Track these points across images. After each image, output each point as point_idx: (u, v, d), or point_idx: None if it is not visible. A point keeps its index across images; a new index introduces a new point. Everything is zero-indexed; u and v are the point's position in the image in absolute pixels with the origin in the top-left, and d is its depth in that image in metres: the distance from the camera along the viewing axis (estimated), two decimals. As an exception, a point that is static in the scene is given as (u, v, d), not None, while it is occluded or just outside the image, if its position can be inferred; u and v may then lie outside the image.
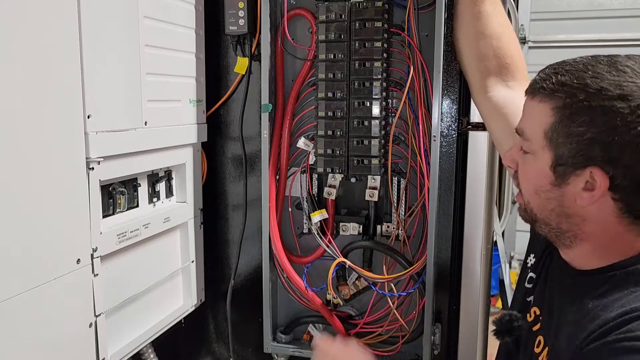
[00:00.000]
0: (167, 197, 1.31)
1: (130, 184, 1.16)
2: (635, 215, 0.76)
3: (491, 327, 0.94)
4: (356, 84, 1.24)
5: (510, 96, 1.08)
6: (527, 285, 0.97)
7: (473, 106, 1.25)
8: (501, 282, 3.27)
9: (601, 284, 0.78)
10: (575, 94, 0.73)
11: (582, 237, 0.80)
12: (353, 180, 1.34)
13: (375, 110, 1.24)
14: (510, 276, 3.27)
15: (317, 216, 1.33)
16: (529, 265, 0.99)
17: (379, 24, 1.21)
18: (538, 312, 0.90)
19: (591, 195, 0.75)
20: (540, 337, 0.86)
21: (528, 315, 0.91)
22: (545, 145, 0.78)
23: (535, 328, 0.89)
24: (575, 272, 0.84)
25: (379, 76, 1.23)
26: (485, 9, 1.10)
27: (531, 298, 0.94)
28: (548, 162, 0.78)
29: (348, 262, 1.30)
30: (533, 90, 0.81)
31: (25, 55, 0.85)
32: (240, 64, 1.38)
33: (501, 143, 1.10)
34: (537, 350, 0.86)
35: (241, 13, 1.31)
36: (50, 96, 0.90)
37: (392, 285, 1.31)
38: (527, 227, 0.91)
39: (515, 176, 0.88)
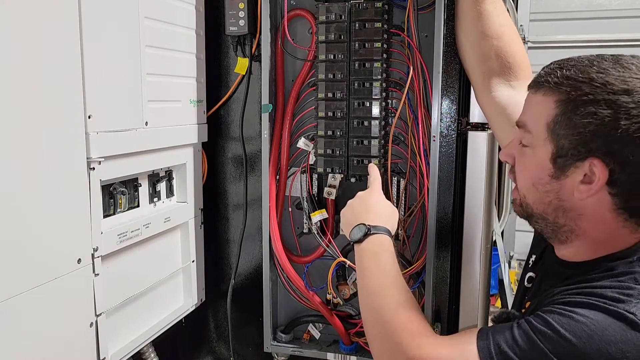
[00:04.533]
0: (167, 197, 1.31)
1: (130, 184, 1.17)
2: (631, 213, 0.77)
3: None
4: (356, 84, 1.25)
5: (513, 96, 1.08)
6: (527, 285, 0.97)
7: (472, 106, 1.26)
8: (500, 282, 3.27)
9: (584, 273, 0.80)
10: (580, 87, 0.75)
11: (577, 233, 0.81)
12: (353, 180, 1.34)
13: (375, 110, 1.25)
14: (509, 276, 3.26)
15: (317, 216, 1.33)
16: (530, 265, 1.00)
17: (378, 25, 1.22)
18: (530, 304, 0.91)
19: (589, 188, 0.76)
20: None
21: (523, 310, 0.92)
22: (547, 137, 0.78)
23: None
24: (565, 264, 0.86)
25: (379, 76, 1.23)
26: (486, 9, 1.11)
27: (528, 296, 0.95)
28: (548, 154, 0.79)
29: (348, 262, 1.30)
30: (536, 84, 0.82)
31: (26, 55, 0.85)
32: (241, 65, 1.38)
33: (505, 143, 1.10)
34: None
35: (241, 14, 1.31)
36: (51, 96, 0.90)
37: (391, 284, 1.31)
38: (527, 227, 0.91)
39: (512, 171, 0.88)
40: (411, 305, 0.89)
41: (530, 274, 0.98)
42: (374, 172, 1.17)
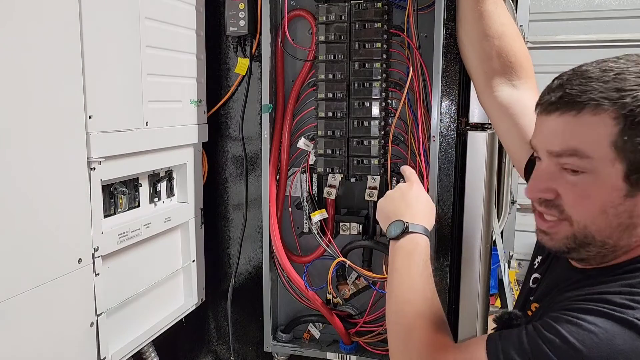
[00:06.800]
0: (168, 197, 1.31)
1: (131, 183, 1.17)
2: None
3: (492, 325, 0.95)
4: (356, 84, 1.25)
5: (515, 95, 1.08)
6: (532, 286, 0.97)
7: (472, 106, 1.26)
8: (500, 282, 3.27)
9: (597, 277, 0.79)
10: (631, 95, 0.70)
11: (632, 247, 0.77)
12: (353, 180, 1.35)
13: (375, 110, 1.25)
14: (509, 276, 3.27)
15: (317, 216, 1.34)
16: (535, 266, 0.99)
17: (378, 25, 1.22)
18: (538, 307, 0.91)
19: None
20: None
21: (529, 311, 0.92)
22: (615, 157, 0.72)
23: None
24: (576, 270, 0.84)
25: (379, 77, 1.23)
26: (487, 9, 1.11)
27: (533, 296, 0.95)
28: (619, 173, 0.72)
29: (348, 262, 1.30)
30: (574, 105, 0.73)
31: (27, 56, 0.85)
32: (241, 65, 1.39)
33: (508, 143, 1.09)
34: None
35: (242, 14, 1.32)
36: (52, 97, 0.90)
37: (391, 284, 1.31)
38: (526, 227, 0.91)
39: (549, 204, 0.78)
40: (433, 314, 0.88)
41: (535, 275, 0.97)
42: (408, 170, 1.15)
